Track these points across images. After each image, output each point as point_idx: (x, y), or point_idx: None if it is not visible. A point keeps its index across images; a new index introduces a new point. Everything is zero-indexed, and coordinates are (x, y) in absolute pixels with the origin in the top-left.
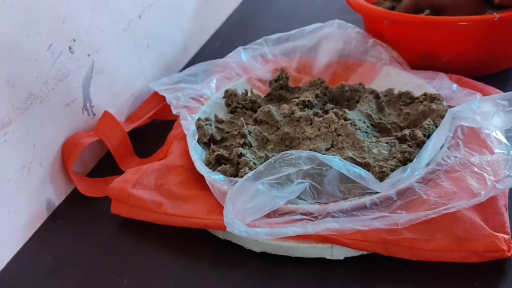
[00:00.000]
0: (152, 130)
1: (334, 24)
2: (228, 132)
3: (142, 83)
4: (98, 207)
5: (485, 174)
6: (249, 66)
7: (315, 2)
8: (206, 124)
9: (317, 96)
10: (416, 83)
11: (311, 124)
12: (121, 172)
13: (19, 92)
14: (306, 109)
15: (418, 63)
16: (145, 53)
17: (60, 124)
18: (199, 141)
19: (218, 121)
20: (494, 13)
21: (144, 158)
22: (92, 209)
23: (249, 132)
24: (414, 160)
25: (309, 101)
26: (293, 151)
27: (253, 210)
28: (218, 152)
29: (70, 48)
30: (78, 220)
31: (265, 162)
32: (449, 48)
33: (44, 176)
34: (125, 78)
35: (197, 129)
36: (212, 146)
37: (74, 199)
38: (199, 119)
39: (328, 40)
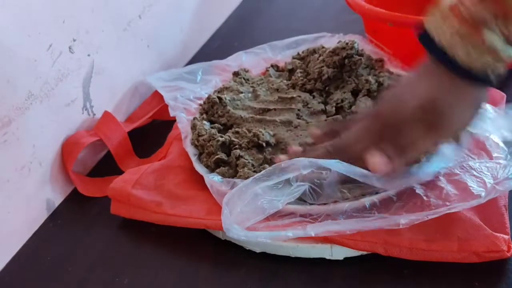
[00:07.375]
0: (152, 130)
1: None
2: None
3: (142, 83)
4: (98, 207)
5: (484, 178)
6: (250, 67)
7: (315, 2)
8: (203, 119)
9: (314, 97)
10: None
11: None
12: (121, 172)
13: (19, 92)
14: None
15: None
16: (145, 53)
17: (60, 124)
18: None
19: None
20: None
21: (144, 158)
22: (92, 209)
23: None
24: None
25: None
26: (293, 160)
27: (252, 213)
28: (217, 156)
29: (70, 48)
30: (78, 220)
31: (264, 170)
32: None
33: (44, 176)
34: (125, 78)
35: (191, 129)
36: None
37: (74, 199)
38: (194, 118)
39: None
